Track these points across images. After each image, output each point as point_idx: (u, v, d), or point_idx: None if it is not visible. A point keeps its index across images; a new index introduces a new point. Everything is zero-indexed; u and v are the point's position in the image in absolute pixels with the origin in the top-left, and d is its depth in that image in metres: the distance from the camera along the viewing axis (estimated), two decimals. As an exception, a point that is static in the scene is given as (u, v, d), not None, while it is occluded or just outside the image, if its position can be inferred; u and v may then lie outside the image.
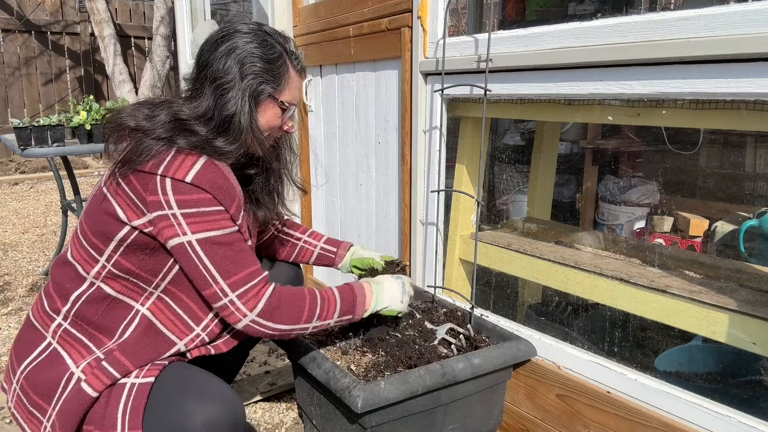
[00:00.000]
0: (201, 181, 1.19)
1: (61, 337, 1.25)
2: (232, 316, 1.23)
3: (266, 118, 1.32)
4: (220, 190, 1.21)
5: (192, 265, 1.21)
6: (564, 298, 2.17)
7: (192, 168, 1.19)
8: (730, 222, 2.14)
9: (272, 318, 1.26)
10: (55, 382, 1.20)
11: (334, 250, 1.71)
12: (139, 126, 1.22)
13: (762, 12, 1.09)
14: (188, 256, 1.20)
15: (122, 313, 1.26)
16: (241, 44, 1.26)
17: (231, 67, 1.24)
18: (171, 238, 1.19)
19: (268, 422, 1.86)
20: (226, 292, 1.21)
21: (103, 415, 1.18)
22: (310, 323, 1.31)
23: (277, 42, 1.31)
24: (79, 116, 2.91)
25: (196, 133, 1.23)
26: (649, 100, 1.39)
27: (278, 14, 2.54)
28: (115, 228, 1.21)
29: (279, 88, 1.31)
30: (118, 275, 1.24)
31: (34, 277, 3.26)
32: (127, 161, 1.19)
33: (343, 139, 2.44)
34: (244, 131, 1.26)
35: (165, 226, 1.19)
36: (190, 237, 1.19)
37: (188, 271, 1.22)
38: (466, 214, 2.00)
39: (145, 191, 1.18)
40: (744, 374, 1.69)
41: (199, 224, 1.19)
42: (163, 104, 1.28)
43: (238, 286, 1.22)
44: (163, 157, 1.19)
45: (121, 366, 1.21)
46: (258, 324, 1.25)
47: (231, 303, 1.22)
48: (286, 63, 1.31)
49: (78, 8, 7.39)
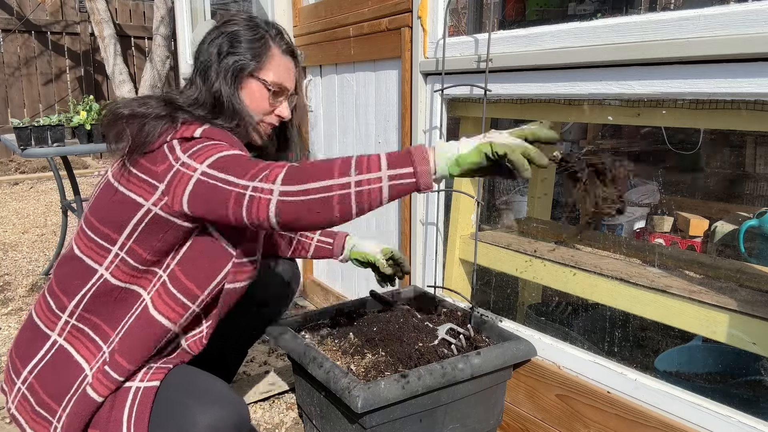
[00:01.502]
0: (208, 133, 1.20)
1: (69, 333, 1.24)
2: (260, 204, 1.06)
3: (252, 99, 1.31)
4: (228, 139, 1.22)
5: (209, 189, 1.11)
6: (564, 298, 2.17)
7: (199, 128, 1.21)
8: (730, 222, 2.15)
9: (300, 180, 1.04)
10: (69, 384, 1.20)
11: (330, 242, 1.70)
12: (135, 112, 1.21)
13: (762, 12, 1.09)
14: (203, 186, 1.12)
15: (131, 302, 1.25)
16: (227, 29, 1.30)
17: (213, 48, 1.29)
18: (185, 188, 1.14)
19: (268, 422, 1.86)
20: (247, 185, 1.08)
21: (108, 419, 1.18)
22: (349, 176, 1.04)
23: (262, 26, 1.33)
24: (79, 116, 2.91)
25: (194, 114, 1.25)
26: (649, 100, 1.39)
27: (278, 14, 2.54)
28: (130, 213, 1.20)
29: (259, 65, 1.30)
30: (130, 264, 1.23)
31: (34, 277, 3.26)
32: (135, 147, 1.19)
33: (343, 139, 2.44)
34: (234, 111, 1.27)
35: (178, 181, 1.15)
36: (200, 167, 1.13)
37: (209, 200, 1.12)
38: (466, 214, 2.00)
39: (155, 164, 1.18)
40: (744, 374, 1.69)
41: (204, 154, 1.16)
42: (156, 95, 1.30)
43: (256, 175, 1.09)
44: (169, 131, 1.20)
45: (122, 368, 1.21)
46: (288, 194, 1.04)
47: (254, 190, 1.07)
48: (268, 42, 1.32)
49: (78, 8, 7.40)
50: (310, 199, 1.03)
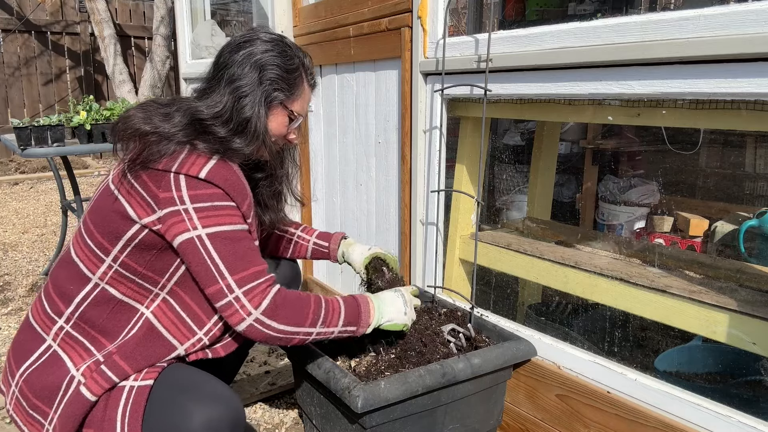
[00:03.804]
0: (215, 177, 1.20)
1: (63, 340, 1.24)
2: (236, 315, 1.20)
3: (274, 124, 1.34)
4: (233, 187, 1.22)
5: (200, 260, 1.19)
6: (564, 298, 2.17)
7: (206, 165, 1.21)
8: (730, 222, 2.15)
9: (276, 317, 1.22)
10: (56, 386, 1.20)
11: (326, 245, 1.71)
12: (157, 129, 1.22)
13: (762, 12, 1.09)
14: (197, 251, 1.18)
15: (127, 316, 1.26)
16: (262, 51, 1.30)
17: (251, 71, 1.28)
18: (180, 234, 1.18)
19: (268, 422, 1.87)
20: (233, 288, 1.19)
21: (102, 418, 1.18)
22: (314, 328, 1.27)
23: (297, 55, 1.36)
24: (79, 116, 2.90)
25: (215, 134, 1.25)
26: (649, 100, 1.39)
27: (278, 14, 2.54)
28: (124, 227, 1.21)
29: (291, 97, 1.35)
30: (125, 276, 1.24)
31: (34, 277, 3.26)
32: (141, 160, 1.20)
33: (342, 139, 2.44)
34: (260, 134, 1.29)
35: (175, 221, 1.18)
36: (201, 231, 1.18)
37: (195, 267, 1.20)
38: (466, 214, 2.00)
39: (158, 188, 1.19)
40: (744, 374, 1.69)
41: (210, 218, 1.19)
42: (175, 104, 1.29)
43: (245, 282, 1.20)
44: (177, 155, 1.20)
45: (120, 370, 1.21)
46: (261, 324, 1.21)
47: (236, 300, 1.19)
48: (301, 75, 1.37)
49: (78, 8, 7.40)
50: (276, 336, 1.24)
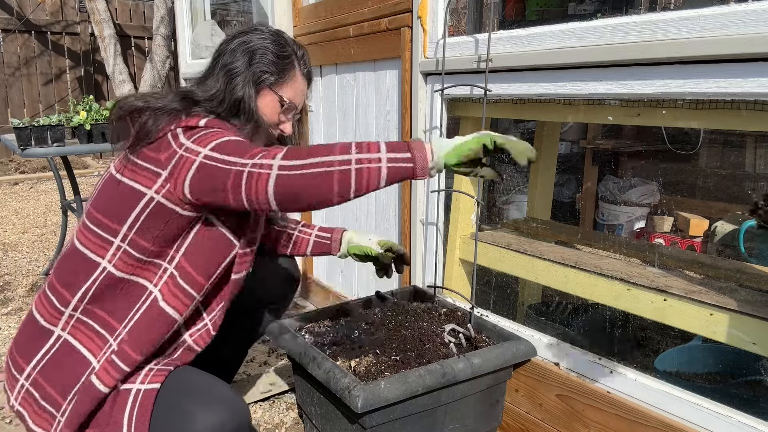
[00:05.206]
0: (213, 124, 1.24)
1: (73, 327, 1.25)
2: (261, 179, 1.09)
3: (265, 108, 1.36)
4: (231, 132, 1.25)
5: (211, 170, 1.14)
6: (564, 298, 2.17)
7: (204, 118, 1.25)
8: (730, 222, 2.15)
9: (302, 154, 1.09)
10: (75, 376, 1.21)
11: (328, 237, 1.69)
12: (150, 105, 1.25)
13: (762, 12, 1.09)
14: (205, 169, 1.15)
15: (136, 295, 1.26)
16: (256, 39, 1.36)
17: (243, 56, 1.34)
18: (188, 171, 1.17)
19: (268, 422, 1.87)
20: (246, 163, 1.11)
21: (108, 421, 1.18)
22: (350, 154, 1.08)
23: (290, 45, 1.41)
24: (79, 116, 2.90)
25: (209, 108, 1.30)
26: (649, 100, 1.39)
27: (278, 14, 2.54)
28: (133, 203, 1.22)
29: (281, 81, 1.38)
30: (133, 255, 1.24)
31: (34, 277, 3.26)
32: (140, 138, 1.22)
33: (343, 140, 2.44)
34: (252, 112, 1.33)
35: (180, 165, 1.18)
36: (203, 151, 1.17)
37: (210, 180, 1.15)
38: (466, 214, 2.00)
39: (159, 152, 1.21)
40: (744, 374, 1.69)
41: (208, 138, 1.20)
42: (171, 92, 1.33)
43: (256, 155, 1.13)
44: (174, 119, 1.24)
45: (129, 358, 1.21)
46: (289, 168, 1.07)
47: (254, 166, 1.10)
48: (293, 63, 1.40)
49: (78, 8, 7.39)
50: (309, 173, 1.06)
